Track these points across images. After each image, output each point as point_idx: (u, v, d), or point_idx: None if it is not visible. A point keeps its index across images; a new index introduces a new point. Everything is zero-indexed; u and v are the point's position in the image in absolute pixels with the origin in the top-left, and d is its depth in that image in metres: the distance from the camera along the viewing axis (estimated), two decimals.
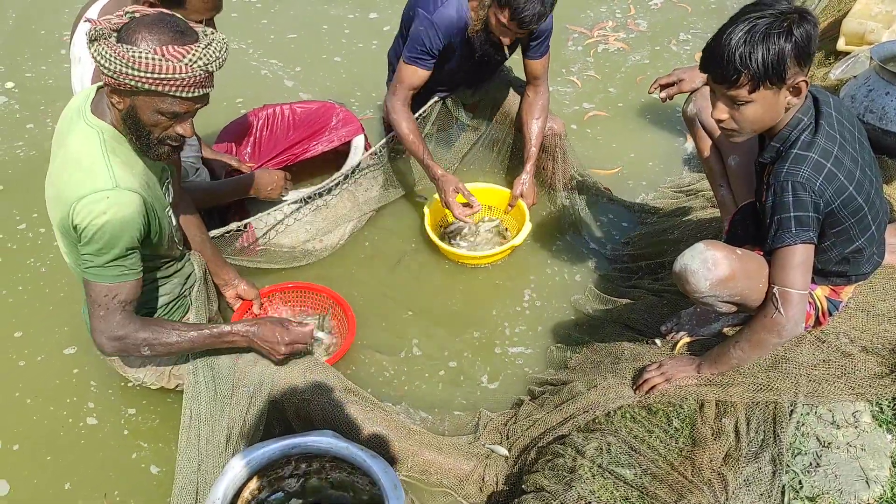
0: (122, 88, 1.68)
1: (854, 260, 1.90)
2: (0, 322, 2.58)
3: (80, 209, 1.71)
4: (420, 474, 2.10)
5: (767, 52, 1.62)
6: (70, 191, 1.74)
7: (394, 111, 2.81)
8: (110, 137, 1.77)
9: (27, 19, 4.32)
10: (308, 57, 4.12)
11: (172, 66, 1.64)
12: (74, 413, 2.33)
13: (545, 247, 3.03)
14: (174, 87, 1.67)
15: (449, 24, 2.63)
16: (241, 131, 3.12)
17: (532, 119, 2.99)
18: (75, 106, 1.84)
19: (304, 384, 2.06)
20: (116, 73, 1.64)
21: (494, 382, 2.51)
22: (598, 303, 2.71)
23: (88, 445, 2.25)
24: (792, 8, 1.65)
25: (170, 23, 1.68)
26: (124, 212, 1.74)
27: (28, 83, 3.78)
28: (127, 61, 1.61)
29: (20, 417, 2.31)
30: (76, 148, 1.77)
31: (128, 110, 1.74)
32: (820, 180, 1.70)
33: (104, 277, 1.79)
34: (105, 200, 1.71)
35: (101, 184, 1.72)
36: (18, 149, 3.37)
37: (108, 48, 1.63)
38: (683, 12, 4.64)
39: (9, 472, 2.18)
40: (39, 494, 2.13)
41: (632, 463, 1.89)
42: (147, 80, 1.64)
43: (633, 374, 2.13)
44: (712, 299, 1.87)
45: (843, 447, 1.86)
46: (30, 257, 2.83)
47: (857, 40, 3.60)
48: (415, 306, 2.77)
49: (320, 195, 2.83)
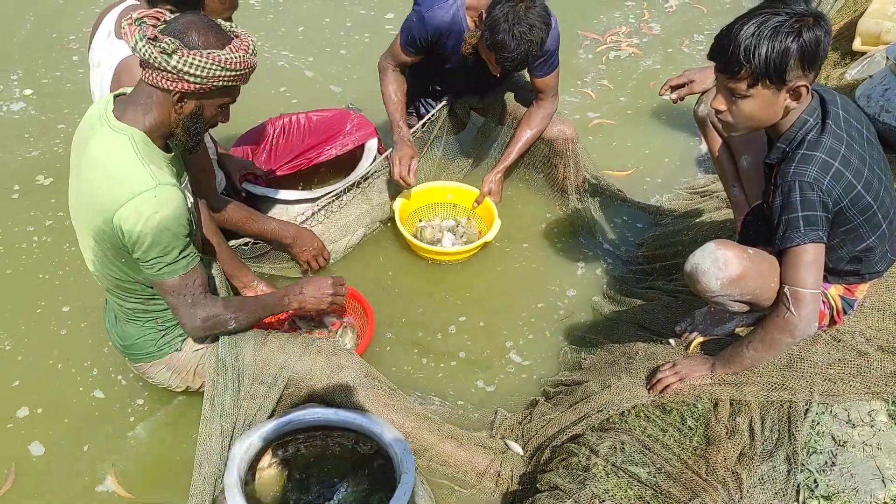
0: (203, 91, 1.75)
1: (866, 258, 1.89)
2: (49, 299, 2.72)
3: (128, 214, 1.74)
4: (440, 465, 2.13)
5: (772, 49, 1.63)
6: (110, 198, 1.76)
7: (383, 70, 2.93)
8: (140, 140, 1.80)
9: (41, 25, 4.38)
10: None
11: (247, 59, 1.78)
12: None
13: (559, 249, 3.04)
14: (243, 79, 1.81)
15: (438, 25, 2.67)
16: (258, 138, 3.17)
17: (526, 126, 3.02)
18: (95, 114, 1.86)
19: (326, 369, 2.10)
20: (207, 79, 1.72)
21: (507, 384, 2.52)
22: (612, 304, 2.71)
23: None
24: (808, 11, 1.65)
25: (207, 22, 1.76)
26: (172, 205, 1.78)
27: (46, 89, 3.85)
28: (223, 64, 1.71)
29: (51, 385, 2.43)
30: (106, 154, 1.78)
31: (192, 112, 1.80)
32: (827, 179, 1.70)
33: (179, 271, 1.86)
34: (153, 200, 1.75)
35: (143, 184, 1.75)
36: (57, 146, 3.45)
37: (199, 57, 1.69)
38: (699, 14, 4.63)
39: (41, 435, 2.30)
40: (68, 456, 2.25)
41: (646, 462, 1.89)
42: (232, 78, 1.76)
43: (647, 374, 2.13)
44: (724, 298, 1.87)
45: (859, 446, 1.86)
46: (65, 242, 2.93)
47: (873, 40, 3.59)
48: (429, 305, 2.79)
49: (336, 198, 2.87)
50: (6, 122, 3.62)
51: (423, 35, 2.71)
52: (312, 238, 2.73)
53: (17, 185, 3.22)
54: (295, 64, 4.13)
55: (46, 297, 2.71)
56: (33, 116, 3.66)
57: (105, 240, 1.83)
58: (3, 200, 3.14)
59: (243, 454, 1.84)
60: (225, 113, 1.91)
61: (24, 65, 4.02)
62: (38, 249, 2.92)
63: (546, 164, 3.20)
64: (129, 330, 2.10)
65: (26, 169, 3.31)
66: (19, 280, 2.80)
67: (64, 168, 3.18)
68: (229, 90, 1.83)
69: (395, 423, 2.06)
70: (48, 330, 2.60)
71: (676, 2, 4.74)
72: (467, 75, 2.94)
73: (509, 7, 2.41)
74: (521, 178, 3.31)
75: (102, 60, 2.31)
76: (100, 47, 2.34)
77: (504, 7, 2.42)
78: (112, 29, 2.31)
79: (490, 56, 2.54)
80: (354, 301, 2.58)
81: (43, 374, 2.46)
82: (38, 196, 3.16)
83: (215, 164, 2.73)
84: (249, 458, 1.87)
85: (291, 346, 2.13)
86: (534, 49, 2.49)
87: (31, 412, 2.35)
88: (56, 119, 3.62)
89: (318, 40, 4.34)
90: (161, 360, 2.15)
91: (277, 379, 2.08)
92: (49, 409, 2.36)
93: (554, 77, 2.89)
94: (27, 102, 3.75)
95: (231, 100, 1.88)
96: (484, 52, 2.57)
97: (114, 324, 2.15)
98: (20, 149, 3.44)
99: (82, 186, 1.85)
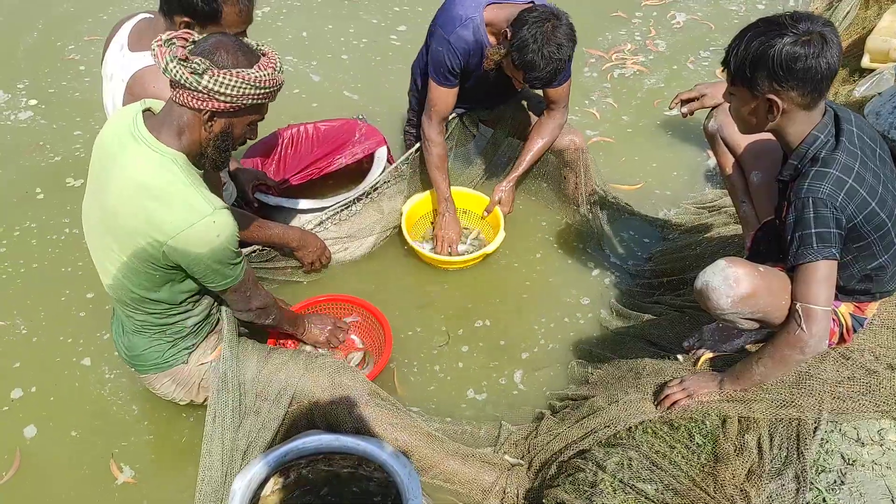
0: (233, 109, 1.77)
1: (877, 277, 1.89)
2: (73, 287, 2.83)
3: (190, 239, 1.78)
4: (445, 482, 2.12)
5: (746, 51, 1.70)
6: (162, 222, 1.77)
7: (429, 139, 2.90)
8: (184, 163, 1.82)
9: (46, 34, 4.42)
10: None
11: (277, 77, 1.81)
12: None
13: (568, 262, 3.05)
14: (271, 96, 1.83)
15: (465, 45, 2.67)
16: (267, 149, 3.19)
17: (537, 136, 3.02)
18: (123, 129, 1.84)
19: (330, 387, 2.11)
20: (237, 97, 1.74)
21: (515, 395, 2.52)
22: (619, 318, 2.71)
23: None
24: (808, 30, 1.65)
25: (235, 41, 1.78)
26: (229, 228, 1.84)
27: (53, 99, 3.89)
28: (252, 82, 1.73)
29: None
30: (150, 175, 1.78)
31: (222, 130, 1.82)
32: (841, 196, 1.71)
33: (239, 276, 1.99)
34: (213, 226, 1.79)
35: (201, 211, 1.78)
36: (78, 152, 3.51)
37: (229, 76, 1.71)
38: (706, 30, 4.64)
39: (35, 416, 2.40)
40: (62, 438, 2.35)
41: (653, 478, 1.88)
42: (261, 95, 1.78)
43: (654, 390, 2.12)
44: (734, 316, 1.87)
45: (869, 465, 1.84)
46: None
47: (882, 57, 3.59)
48: (436, 317, 2.79)
49: (347, 207, 2.89)
50: (17, 130, 3.65)
51: (456, 60, 2.71)
52: (315, 240, 2.79)
53: (39, 188, 3.30)
54: (300, 68, 4.16)
55: (70, 286, 2.82)
56: (44, 125, 3.69)
57: (144, 259, 1.84)
58: (28, 201, 3.25)
59: (245, 489, 1.81)
60: (253, 130, 1.93)
61: (31, 74, 4.06)
62: (62, 246, 3.01)
63: (556, 175, 3.20)
64: (137, 341, 2.11)
65: (51, 173, 3.39)
66: (45, 271, 2.90)
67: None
68: (258, 108, 1.85)
69: (398, 442, 2.06)
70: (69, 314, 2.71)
71: (684, 18, 4.75)
72: (485, 90, 2.95)
73: (537, 28, 2.43)
74: (531, 190, 3.31)
75: (115, 73, 2.33)
76: (112, 60, 2.35)
77: (532, 29, 2.43)
78: (125, 42, 2.33)
79: (518, 74, 2.57)
80: (376, 321, 2.59)
81: (52, 355, 2.58)
82: (67, 195, 3.26)
83: (227, 174, 2.75)
84: (252, 492, 1.84)
85: (295, 363, 2.14)
86: (562, 66, 2.51)
87: (25, 393, 2.46)
88: (69, 126, 3.66)
89: (322, 47, 4.38)
90: (167, 372, 2.16)
91: (281, 397, 2.09)
92: (49, 391, 2.47)
93: (566, 87, 2.91)
94: (34, 111, 3.78)
95: (260, 117, 1.90)
96: (510, 69, 2.60)
97: (121, 335, 2.16)
98: (40, 155, 3.50)
99: (111, 202, 1.83)
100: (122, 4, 4.64)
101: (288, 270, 2.84)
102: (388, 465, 1.86)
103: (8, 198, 3.24)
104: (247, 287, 2.05)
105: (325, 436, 1.94)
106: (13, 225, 3.10)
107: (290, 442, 1.92)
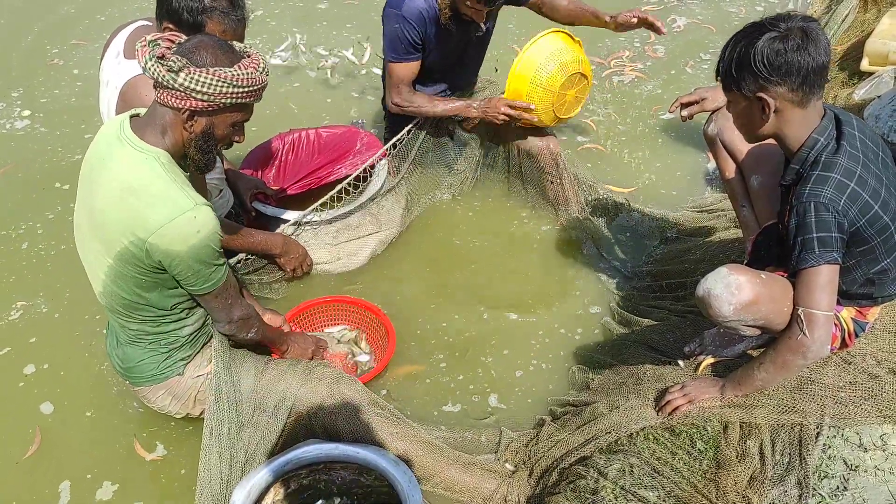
0: (211, 109, 1.77)
1: (879, 281, 1.88)
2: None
3: (170, 234, 1.77)
4: (446, 490, 2.10)
5: (731, 55, 1.74)
6: (143, 219, 1.77)
7: (407, 101, 2.91)
8: (167, 161, 1.82)
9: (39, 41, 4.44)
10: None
11: (258, 76, 1.79)
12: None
13: (564, 266, 3.04)
14: (255, 96, 1.82)
15: (419, 15, 2.69)
16: (267, 156, 3.17)
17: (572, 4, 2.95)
18: (111, 134, 1.86)
19: (329, 397, 2.09)
20: (214, 95, 1.74)
21: (514, 402, 2.50)
22: (620, 323, 2.70)
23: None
24: (788, 27, 1.68)
25: (217, 42, 1.79)
26: (210, 224, 1.83)
27: (50, 106, 3.91)
28: (231, 81, 1.73)
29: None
30: (132, 175, 1.79)
31: (204, 130, 1.82)
32: (843, 200, 1.70)
33: (221, 280, 1.95)
34: (194, 221, 1.78)
35: (181, 206, 1.78)
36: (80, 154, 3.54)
37: (205, 74, 1.71)
38: (707, 33, 4.64)
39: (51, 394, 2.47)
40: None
41: (655, 485, 1.87)
42: (242, 95, 1.78)
43: (655, 396, 2.11)
44: (736, 323, 1.86)
45: (871, 470, 1.84)
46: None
47: (881, 60, 3.59)
48: (433, 325, 2.78)
49: (343, 217, 2.88)
50: (18, 137, 3.68)
51: (413, 32, 2.72)
52: (297, 246, 2.80)
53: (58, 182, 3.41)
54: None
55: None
56: (46, 132, 3.71)
57: (128, 260, 1.83)
58: (53, 190, 3.37)
59: (245, 499, 1.81)
60: (239, 132, 1.92)
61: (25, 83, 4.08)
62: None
63: (539, 180, 3.21)
64: (131, 352, 2.08)
65: (74, 170, 3.40)
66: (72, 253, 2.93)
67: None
68: (240, 107, 1.84)
69: (399, 451, 2.04)
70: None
71: (684, 21, 4.75)
72: (454, 59, 2.94)
73: None
74: (519, 196, 3.32)
75: (111, 80, 2.33)
76: (109, 67, 2.36)
77: None
78: (121, 49, 2.33)
79: (475, 3, 2.57)
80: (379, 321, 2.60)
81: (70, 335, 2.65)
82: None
83: (223, 181, 2.74)
84: (252, 502, 1.84)
85: (293, 373, 2.12)
86: None
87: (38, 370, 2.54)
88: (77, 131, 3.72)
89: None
90: (162, 383, 2.13)
91: (279, 409, 2.07)
92: (60, 367, 2.55)
93: None
94: (31, 120, 3.80)
95: (244, 118, 1.88)
96: (462, 2, 2.61)
97: (115, 347, 2.13)
98: (56, 156, 3.59)
99: (98, 205, 1.83)
100: (121, 6, 4.68)
101: (273, 282, 2.83)
102: (389, 473, 1.86)
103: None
104: (228, 294, 2.02)
105: (325, 444, 1.94)
106: (43, 210, 3.23)
107: (290, 451, 1.92)
